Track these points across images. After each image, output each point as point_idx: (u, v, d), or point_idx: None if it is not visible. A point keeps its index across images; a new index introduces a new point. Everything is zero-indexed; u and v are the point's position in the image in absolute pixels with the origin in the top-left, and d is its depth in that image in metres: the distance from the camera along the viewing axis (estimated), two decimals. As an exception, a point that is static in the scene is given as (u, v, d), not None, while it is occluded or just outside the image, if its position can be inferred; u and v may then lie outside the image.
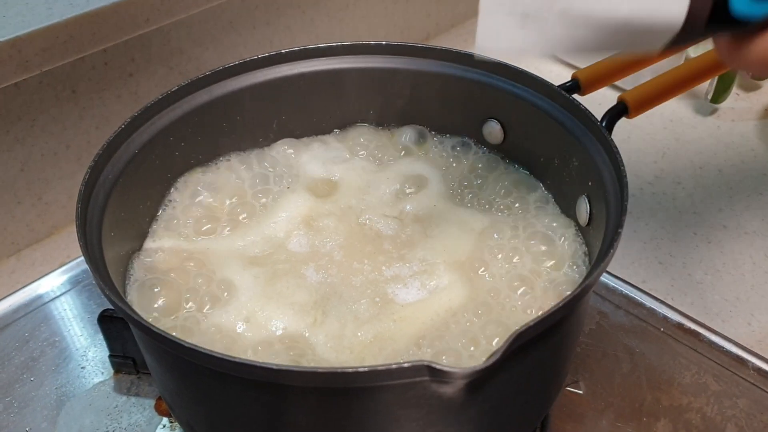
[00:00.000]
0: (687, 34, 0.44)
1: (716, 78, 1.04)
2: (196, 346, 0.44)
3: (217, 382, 0.48)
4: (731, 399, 0.71)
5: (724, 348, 0.74)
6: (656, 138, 1.05)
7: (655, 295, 0.80)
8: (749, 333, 0.78)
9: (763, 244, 0.89)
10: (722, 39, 0.46)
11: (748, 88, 1.13)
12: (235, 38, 0.96)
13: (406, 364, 0.42)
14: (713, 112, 1.09)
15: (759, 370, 0.73)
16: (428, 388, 0.45)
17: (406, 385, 0.44)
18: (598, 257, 0.51)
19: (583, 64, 0.69)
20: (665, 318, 0.77)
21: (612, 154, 0.57)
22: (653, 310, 0.78)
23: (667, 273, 0.85)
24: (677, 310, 0.78)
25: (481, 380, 0.44)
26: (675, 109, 1.10)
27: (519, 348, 0.45)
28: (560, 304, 0.45)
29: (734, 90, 1.11)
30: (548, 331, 0.46)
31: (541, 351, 0.50)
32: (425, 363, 0.42)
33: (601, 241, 0.55)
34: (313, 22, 1.04)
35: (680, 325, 0.77)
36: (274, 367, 0.43)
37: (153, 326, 0.45)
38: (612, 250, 0.49)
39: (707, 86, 1.07)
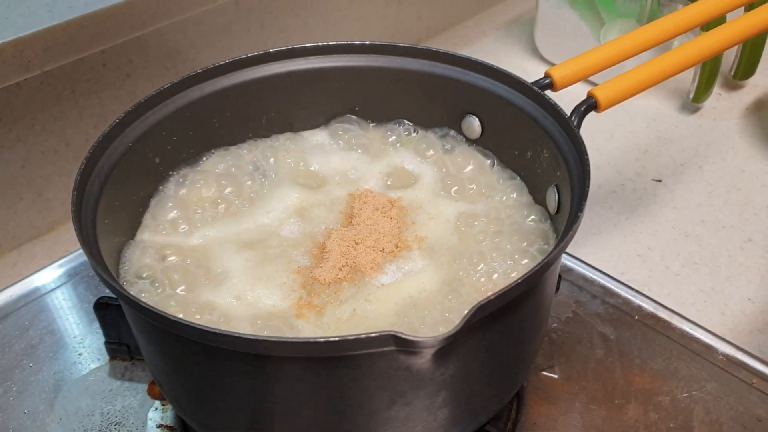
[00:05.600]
0: None
1: (698, 78, 1.07)
2: (180, 318, 0.48)
3: (202, 356, 0.52)
4: (700, 383, 0.73)
5: (694, 335, 0.77)
6: (639, 136, 1.08)
7: (633, 286, 0.83)
8: (722, 322, 0.81)
9: (739, 237, 0.92)
10: None
11: (730, 88, 1.16)
12: (231, 40, 1.00)
13: (373, 334, 0.45)
14: (696, 111, 1.12)
15: (728, 355, 0.75)
16: (397, 359, 0.48)
17: (375, 355, 0.47)
18: (560, 238, 0.54)
19: (559, 61, 0.72)
20: (640, 307, 0.80)
21: (578, 145, 0.61)
22: (628, 299, 0.81)
23: (646, 265, 0.88)
24: (651, 299, 0.81)
25: (446, 350, 0.47)
26: (659, 108, 1.13)
27: (484, 320, 0.48)
28: (519, 280, 0.48)
29: (716, 90, 1.14)
30: (511, 305, 0.50)
31: (505, 325, 0.53)
32: (391, 333, 0.45)
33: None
34: (306, 25, 1.08)
35: (654, 314, 0.79)
36: (251, 337, 0.46)
37: (140, 300, 0.49)
38: (571, 232, 0.53)
39: (689, 86, 1.10)
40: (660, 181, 1.01)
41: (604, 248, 0.90)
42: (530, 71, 1.19)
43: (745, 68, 1.13)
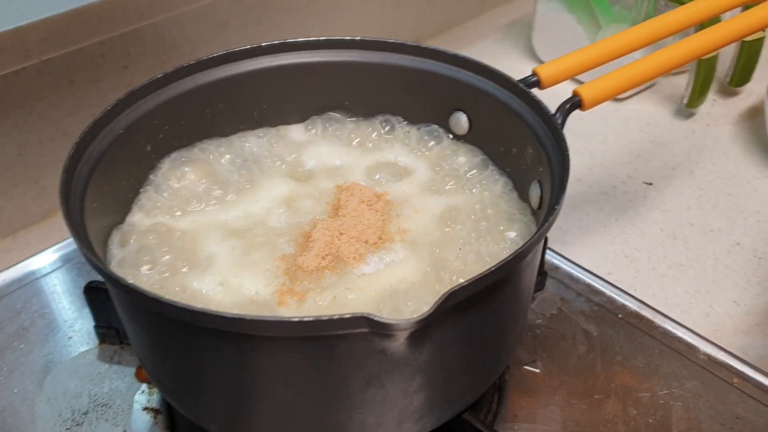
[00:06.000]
0: None
1: (692, 84, 1.08)
2: (161, 296, 0.49)
3: (182, 335, 0.53)
4: (680, 381, 0.74)
5: (677, 334, 0.78)
6: (632, 140, 1.09)
7: (619, 286, 0.84)
8: (707, 323, 0.82)
9: (727, 240, 0.92)
10: None
11: (725, 95, 1.17)
12: (227, 36, 1.01)
13: (346, 315, 0.46)
14: (690, 116, 1.13)
15: (709, 355, 0.76)
16: (371, 341, 0.49)
17: (349, 336, 0.49)
18: (537, 230, 0.55)
19: (548, 59, 0.73)
20: (624, 305, 0.81)
21: (560, 141, 0.62)
22: (613, 298, 0.82)
23: (632, 266, 0.89)
24: (636, 298, 0.82)
25: (419, 334, 0.48)
26: (652, 113, 1.14)
27: (459, 306, 0.49)
28: (493, 268, 0.49)
29: (711, 96, 1.15)
30: (486, 293, 0.51)
31: (480, 313, 0.54)
32: (364, 315, 0.46)
33: (546, 220, 0.59)
34: (304, 24, 1.09)
35: (637, 313, 0.80)
36: (231, 315, 0.47)
37: (122, 279, 0.50)
38: (547, 224, 0.54)
39: (683, 91, 1.11)
40: (651, 184, 1.01)
41: (593, 248, 0.91)
42: (527, 72, 1.20)
43: (741, 75, 1.14)
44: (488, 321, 0.56)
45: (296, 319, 0.47)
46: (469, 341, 0.55)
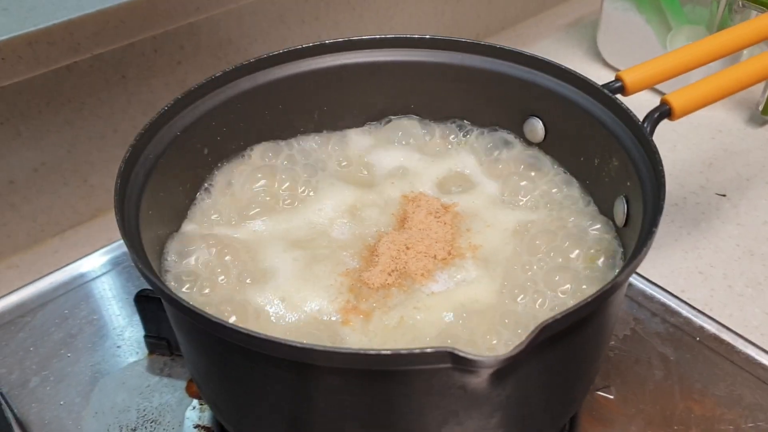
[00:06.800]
0: None
1: (768, 89, 1.02)
2: (222, 320, 0.45)
3: (243, 360, 0.49)
4: (766, 413, 0.69)
5: (760, 361, 0.73)
6: (703, 148, 1.03)
7: (693, 305, 0.79)
8: (790, 348, 0.77)
9: (808, 259, 0.87)
10: None
11: (803, 101, 1.11)
12: (284, 32, 0.97)
13: (429, 350, 0.42)
14: (764, 124, 1.07)
15: (797, 385, 0.71)
16: (451, 377, 0.45)
17: (428, 371, 0.44)
18: (631, 255, 0.50)
19: (625, 67, 0.68)
20: (702, 328, 0.76)
21: (652, 154, 0.57)
22: (690, 319, 0.77)
23: (707, 284, 0.84)
24: (714, 320, 0.77)
25: (505, 371, 0.44)
26: (724, 119, 1.08)
27: (545, 341, 0.44)
28: (588, 299, 0.45)
29: (788, 102, 1.09)
30: (575, 326, 0.46)
31: (568, 347, 0.49)
32: (448, 350, 0.42)
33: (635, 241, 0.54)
34: (362, 18, 1.05)
35: (716, 336, 0.75)
36: (299, 345, 0.43)
37: (181, 299, 0.46)
38: (645, 249, 0.49)
39: (759, 97, 1.05)
40: (724, 195, 0.96)
41: (664, 263, 0.86)
42: (592, 75, 1.13)
43: (820, 80, 1.07)
44: (575, 354, 0.51)
45: (373, 353, 0.43)
46: (553, 375, 0.51)
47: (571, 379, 0.54)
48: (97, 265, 0.82)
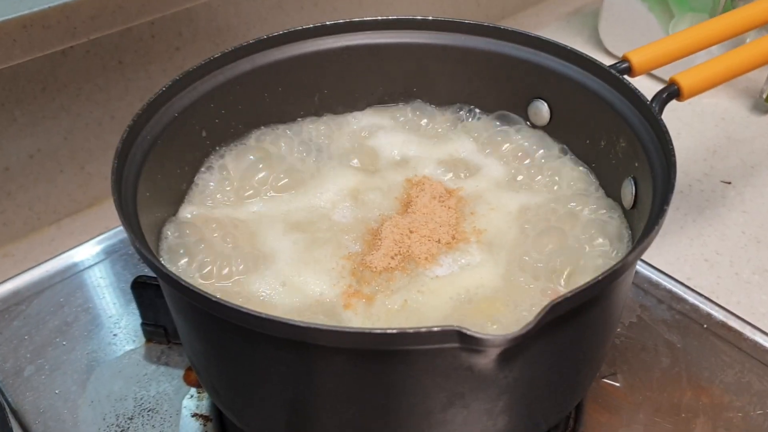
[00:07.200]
0: None
1: (773, 77, 1.01)
2: (223, 300, 0.43)
3: (243, 341, 0.48)
4: (776, 400, 0.68)
5: (769, 348, 0.72)
6: (707, 136, 1.02)
7: (700, 292, 0.78)
8: (798, 335, 0.75)
9: (815, 246, 0.86)
10: None
11: (807, 89, 1.10)
12: (283, 18, 0.96)
13: (435, 328, 0.41)
14: (768, 112, 1.06)
15: (806, 372, 0.70)
16: (458, 357, 0.43)
17: (434, 351, 0.43)
18: (641, 235, 0.49)
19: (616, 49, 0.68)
20: (709, 315, 0.75)
21: (662, 133, 0.56)
22: (697, 306, 0.76)
23: (713, 271, 0.83)
24: (722, 307, 0.75)
25: (513, 351, 0.42)
26: (728, 107, 1.07)
27: (554, 321, 0.43)
28: (598, 278, 0.44)
29: (792, 90, 1.08)
30: (584, 307, 0.45)
31: (576, 328, 0.48)
32: (456, 328, 0.41)
33: (645, 222, 0.53)
34: (361, 5, 1.04)
35: (724, 323, 0.74)
36: (302, 324, 0.42)
37: (180, 278, 0.45)
38: (657, 227, 0.48)
39: (763, 85, 1.04)
40: (729, 183, 0.95)
41: (670, 251, 0.85)
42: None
43: (825, 68, 1.06)
44: (583, 336, 0.50)
45: (378, 331, 0.41)
46: (560, 358, 0.50)
47: (578, 363, 0.53)
48: (93, 253, 0.81)
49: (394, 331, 0.41)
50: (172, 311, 0.55)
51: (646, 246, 0.48)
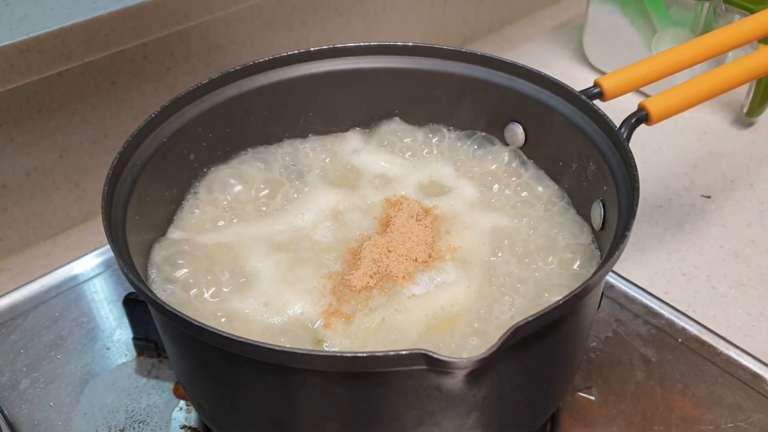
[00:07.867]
0: None
1: (752, 91, 1.03)
2: (205, 325, 0.46)
3: (226, 363, 0.50)
4: (746, 413, 0.70)
5: (741, 362, 0.74)
6: (688, 150, 1.04)
7: (677, 306, 0.80)
8: (771, 349, 0.78)
9: (791, 260, 0.88)
10: None
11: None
12: (272, 37, 0.98)
13: (403, 352, 0.43)
14: (749, 126, 1.08)
15: (776, 385, 0.72)
16: (427, 378, 0.46)
17: (404, 373, 0.45)
18: (603, 259, 0.52)
19: (610, 70, 0.70)
20: (684, 329, 0.77)
21: (627, 159, 0.58)
22: (672, 320, 0.78)
23: (691, 285, 0.85)
24: (696, 322, 0.78)
25: (479, 372, 0.45)
26: (710, 121, 1.09)
27: (520, 342, 0.46)
28: (560, 302, 0.46)
29: (772, 105, 1.10)
30: (549, 328, 0.47)
31: (542, 348, 0.50)
32: (422, 351, 0.43)
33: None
34: (349, 24, 1.06)
35: (698, 338, 0.76)
36: (279, 348, 0.44)
37: (165, 303, 0.47)
38: (617, 253, 0.50)
39: (743, 99, 1.06)
40: (709, 197, 0.97)
41: (648, 265, 0.87)
42: (578, 78, 1.16)
43: (804, 83, 1.09)
44: (550, 354, 0.53)
45: (350, 355, 0.44)
46: (529, 376, 0.52)
47: (547, 380, 0.56)
48: (88, 267, 0.83)
49: (365, 354, 0.44)
50: (159, 331, 0.58)
51: (607, 270, 0.50)
